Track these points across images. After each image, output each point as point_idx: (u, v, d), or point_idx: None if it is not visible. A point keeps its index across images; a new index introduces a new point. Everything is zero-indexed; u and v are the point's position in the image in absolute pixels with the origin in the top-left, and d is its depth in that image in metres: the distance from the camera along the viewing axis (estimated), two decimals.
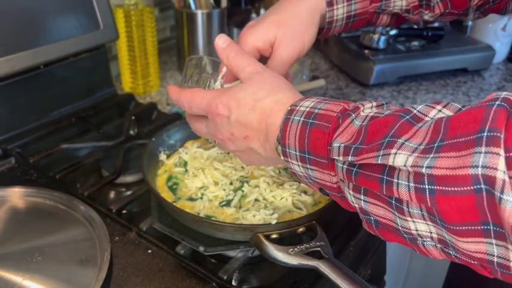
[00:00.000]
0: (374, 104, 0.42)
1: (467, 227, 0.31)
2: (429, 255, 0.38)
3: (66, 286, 0.54)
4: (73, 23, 0.90)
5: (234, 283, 0.60)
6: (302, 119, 0.43)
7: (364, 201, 0.39)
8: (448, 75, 1.32)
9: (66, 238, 0.61)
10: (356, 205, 0.41)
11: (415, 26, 0.89)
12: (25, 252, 0.58)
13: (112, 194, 0.78)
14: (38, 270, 0.55)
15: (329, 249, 0.54)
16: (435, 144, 0.32)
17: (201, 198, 0.67)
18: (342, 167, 0.40)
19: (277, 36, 0.58)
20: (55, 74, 0.92)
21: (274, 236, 0.56)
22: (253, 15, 1.28)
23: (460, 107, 0.36)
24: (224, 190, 0.68)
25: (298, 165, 0.45)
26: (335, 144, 0.40)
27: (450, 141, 0.31)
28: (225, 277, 0.58)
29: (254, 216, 0.62)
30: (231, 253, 0.62)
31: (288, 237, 0.57)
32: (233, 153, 0.54)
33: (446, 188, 0.31)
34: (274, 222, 0.61)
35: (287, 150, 0.45)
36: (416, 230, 0.36)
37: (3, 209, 0.65)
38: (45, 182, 0.76)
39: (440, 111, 0.36)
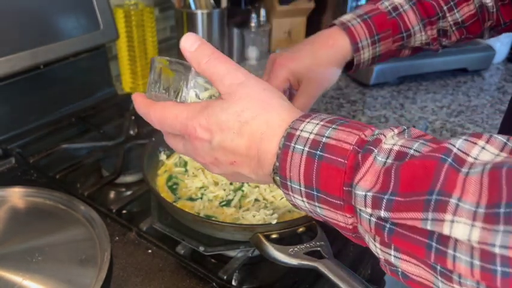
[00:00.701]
0: (396, 131, 0.36)
1: None
2: None
3: (66, 286, 0.54)
4: (73, 23, 0.90)
5: (234, 283, 0.60)
6: (307, 149, 0.37)
7: (395, 257, 0.33)
8: (448, 75, 1.32)
9: (66, 238, 0.61)
10: (381, 257, 0.35)
11: None
12: (25, 252, 0.58)
13: (112, 194, 0.78)
14: (38, 270, 0.55)
15: (329, 249, 0.54)
16: (502, 210, 0.26)
17: (201, 198, 0.67)
18: (370, 220, 0.33)
19: (307, 79, 0.65)
20: (55, 74, 0.92)
21: (274, 236, 0.56)
22: (253, 15, 1.28)
23: (504, 140, 0.31)
24: (224, 190, 0.68)
25: (303, 201, 0.39)
26: (359, 192, 0.33)
27: None
28: (225, 277, 0.58)
29: (254, 216, 0.63)
30: (231, 253, 0.62)
31: (288, 237, 0.57)
32: (219, 175, 0.47)
33: None
34: (274, 222, 0.61)
35: (288, 183, 0.38)
36: None
37: (3, 209, 0.65)
38: (45, 182, 0.76)
39: (483, 148, 0.31)
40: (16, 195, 0.68)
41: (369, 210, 0.33)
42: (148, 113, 0.45)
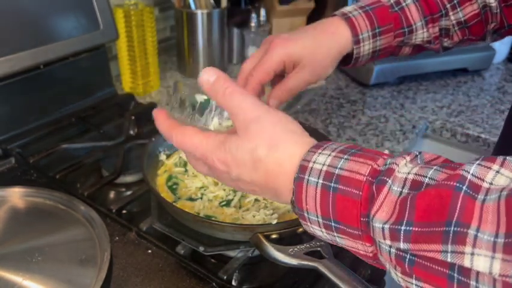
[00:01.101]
0: (408, 158, 0.36)
1: None
2: None
3: (66, 286, 0.54)
4: (73, 23, 0.90)
5: (234, 283, 0.60)
6: (321, 181, 0.37)
7: (417, 285, 0.33)
8: (448, 75, 1.32)
9: (66, 238, 0.61)
10: (403, 284, 0.35)
11: None
12: (25, 252, 0.58)
13: (112, 194, 0.78)
14: (38, 270, 0.55)
15: (329, 249, 0.54)
16: None
17: (201, 198, 0.67)
18: (390, 251, 0.33)
19: (303, 62, 0.61)
20: (55, 74, 0.92)
21: (274, 236, 0.56)
22: (253, 15, 1.28)
23: None
24: (224, 190, 0.68)
25: (322, 231, 0.39)
26: (376, 225, 0.34)
27: None
28: (225, 277, 0.58)
29: (254, 216, 0.62)
30: (231, 253, 0.62)
31: (288, 237, 0.57)
32: None
33: None
34: (274, 222, 0.61)
35: (306, 215, 0.39)
36: None
37: (3, 209, 0.65)
38: (45, 182, 0.76)
39: (498, 172, 0.30)
40: (16, 195, 0.68)
41: (388, 242, 0.33)
42: (169, 135, 0.47)
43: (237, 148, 0.42)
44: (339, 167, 0.37)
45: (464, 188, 0.30)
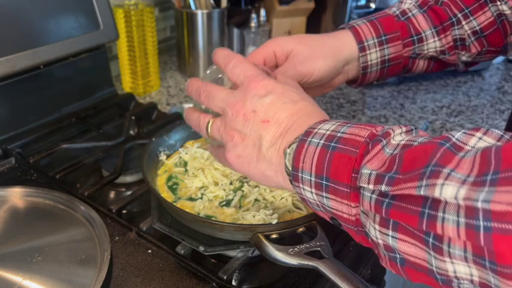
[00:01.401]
0: (404, 129, 0.39)
1: None
2: None
3: (66, 286, 0.54)
4: (73, 23, 0.90)
5: (234, 283, 0.60)
6: (322, 141, 0.40)
7: (392, 237, 0.35)
8: (448, 75, 1.32)
9: (66, 238, 0.61)
10: (381, 241, 0.37)
11: None
12: (25, 252, 0.58)
13: (112, 194, 0.79)
14: (38, 270, 0.55)
15: (329, 249, 0.54)
16: (488, 177, 0.29)
17: (201, 198, 0.67)
18: (371, 197, 0.36)
19: (294, 50, 0.60)
20: (55, 74, 0.92)
21: (274, 236, 0.56)
22: (253, 15, 1.28)
23: (501, 133, 0.33)
24: (224, 190, 0.68)
25: (311, 192, 0.42)
26: (364, 171, 0.36)
27: (506, 174, 0.28)
28: (225, 277, 0.58)
29: (254, 216, 0.62)
30: (231, 253, 0.62)
31: (288, 237, 0.57)
32: (227, 139, 0.49)
33: (507, 226, 0.27)
34: (274, 222, 0.61)
35: (300, 174, 0.42)
36: (454, 272, 0.32)
37: (3, 209, 0.65)
38: (45, 182, 0.76)
39: (480, 138, 0.33)
40: (16, 195, 0.68)
41: (371, 186, 0.36)
42: (228, 54, 0.52)
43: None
44: (341, 131, 0.41)
45: (447, 144, 0.33)
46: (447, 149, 0.33)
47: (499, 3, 0.63)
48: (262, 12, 1.30)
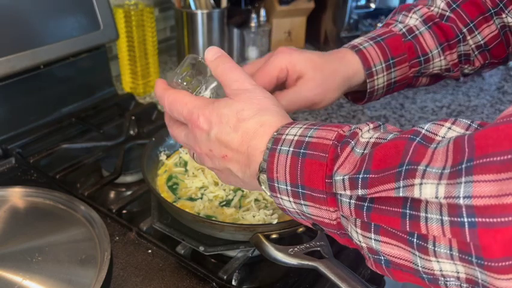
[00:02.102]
0: (371, 126, 0.39)
1: (510, 262, 0.27)
2: None
3: (66, 286, 0.54)
4: (73, 23, 0.90)
5: (234, 283, 0.60)
6: (292, 149, 0.40)
7: (375, 240, 0.35)
8: None
9: (66, 238, 0.61)
10: (364, 244, 0.36)
11: None
12: (25, 252, 0.58)
13: (112, 194, 0.79)
14: (38, 270, 0.55)
15: (329, 249, 0.54)
16: (463, 165, 0.28)
17: (201, 198, 0.67)
18: (350, 202, 0.36)
19: (307, 75, 0.58)
20: (55, 74, 0.92)
21: (274, 236, 0.56)
22: (253, 15, 1.28)
23: (469, 122, 0.33)
24: (224, 190, 0.68)
25: (290, 201, 0.41)
26: (338, 177, 0.36)
27: (481, 161, 0.27)
28: (225, 277, 0.58)
29: (254, 216, 0.62)
30: (231, 253, 0.62)
31: (288, 237, 0.57)
32: (211, 170, 0.50)
33: (491, 220, 0.27)
34: (274, 222, 0.61)
35: (276, 184, 0.41)
36: (440, 271, 0.32)
37: (3, 209, 0.65)
38: (45, 182, 0.76)
39: (449, 128, 0.33)
40: (16, 195, 0.68)
41: (348, 192, 0.35)
42: (163, 95, 0.50)
43: (225, 106, 0.45)
44: (308, 135, 0.40)
45: (417, 139, 0.33)
46: (418, 144, 0.32)
47: (504, 15, 0.62)
48: (262, 12, 1.30)
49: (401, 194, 0.31)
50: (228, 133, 0.44)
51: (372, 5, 1.28)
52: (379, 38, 0.62)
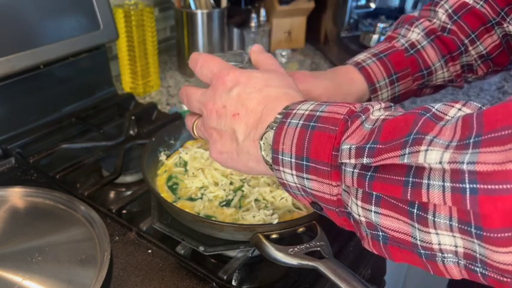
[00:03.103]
0: (383, 105, 0.40)
1: (510, 233, 0.27)
2: (445, 275, 0.34)
3: (66, 286, 0.54)
4: (72, 23, 0.90)
5: (234, 283, 0.60)
6: (301, 122, 0.40)
7: (375, 212, 0.35)
8: None
9: (66, 238, 0.61)
10: (363, 218, 0.36)
11: None
12: (25, 252, 0.58)
13: (112, 194, 0.79)
14: (38, 270, 0.55)
15: (329, 249, 0.54)
16: (471, 140, 0.28)
17: (201, 198, 0.67)
18: (353, 172, 0.36)
19: (312, 93, 0.60)
20: (55, 74, 0.92)
21: (274, 236, 0.56)
22: (253, 15, 1.28)
23: (479, 105, 0.33)
24: (224, 190, 0.68)
25: (292, 175, 0.41)
26: (345, 146, 0.36)
27: (489, 136, 0.27)
28: (225, 277, 0.58)
29: (254, 216, 0.62)
30: (231, 253, 0.62)
31: (288, 237, 0.57)
32: (208, 137, 0.50)
33: (493, 186, 0.26)
34: (275, 222, 0.61)
35: (280, 157, 0.41)
36: (439, 244, 0.32)
37: (3, 209, 0.65)
38: (45, 182, 0.76)
39: (460, 109, 0.33)
40: (16, 195, 0.68)
41: (353, 160, 0.35)
42: (198, 55, 0.51)
43: (257, 72, 0.48)
44: (320, 110, 0.40)
45: (428, 114, 0.33)
46: (427, 118, 0.32)
47: (505, 24, 0.63)
48: (262, 12, 1.30)
49: (405, 161, 0.31)
50: (250, 92, 0.45)
51: (372, 5, 1.28)
52: (381, 55, 0.63)
